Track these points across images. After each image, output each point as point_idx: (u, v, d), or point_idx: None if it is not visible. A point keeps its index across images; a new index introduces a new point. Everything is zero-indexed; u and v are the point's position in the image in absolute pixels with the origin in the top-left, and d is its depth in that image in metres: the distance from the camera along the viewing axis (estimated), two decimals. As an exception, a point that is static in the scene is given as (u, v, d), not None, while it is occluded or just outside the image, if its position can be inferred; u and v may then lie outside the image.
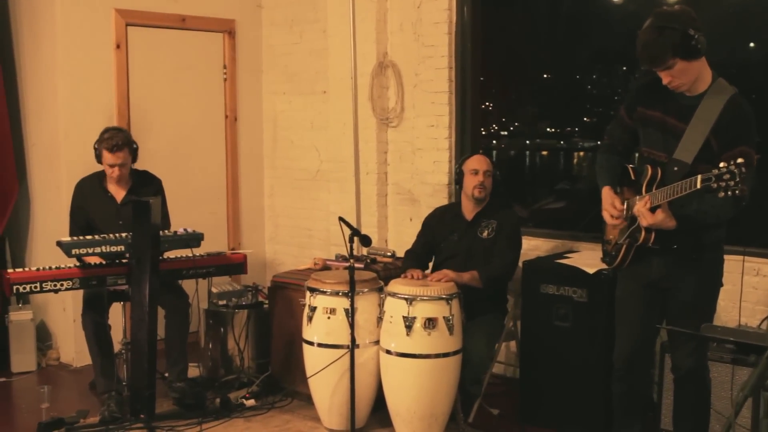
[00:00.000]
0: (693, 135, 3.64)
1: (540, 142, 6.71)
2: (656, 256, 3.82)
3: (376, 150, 6.44)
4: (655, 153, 3.80)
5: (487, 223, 5.05)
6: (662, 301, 3.91)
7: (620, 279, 4.06)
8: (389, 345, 4.62)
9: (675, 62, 3.54)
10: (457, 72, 6.11)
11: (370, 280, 4.88)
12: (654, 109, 3.81)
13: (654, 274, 3.86)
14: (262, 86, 7.34)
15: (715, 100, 3.63)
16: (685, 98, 3.70)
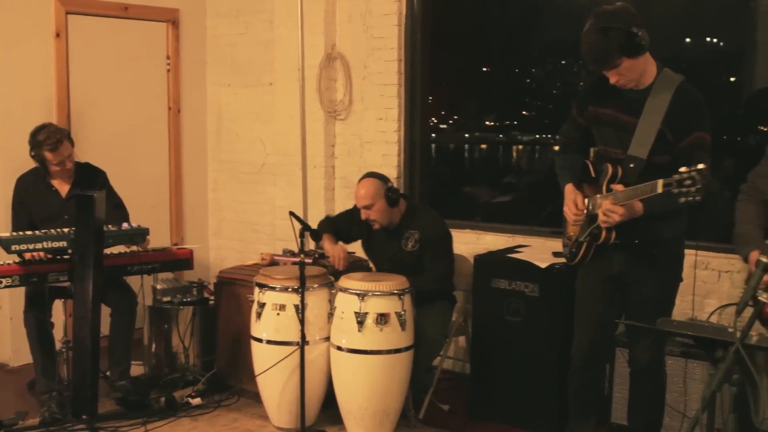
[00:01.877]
0: (645, 129, 3.66)
1: (480, 136, 6.70)
2: (617, 251, 3.82)
3: (324, 143, 6.38)
4: (611, 150, 3.81)
5: (409, 234, 4.94)
6: (622, 296, 3.92)
7: (580, 274, 4.05)
8: (340, 341, 4.55)
9: (621, 61, 3.56)
10: (407, 65, 6.06)
11: (320, 276, 4.81)
12: (605, 107, 3.82)
13: (614, 269, 3.86)
14: (207, 78, 7.21)
15: (663, 91, 3.67)
16: (634, 93, 3.72)
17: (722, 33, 5.36)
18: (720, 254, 4.91)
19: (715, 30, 5.36)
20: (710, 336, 2.95)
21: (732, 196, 5.34)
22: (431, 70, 6.27)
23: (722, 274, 4.91)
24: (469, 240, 5.82)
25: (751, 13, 5.23)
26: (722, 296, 4.86)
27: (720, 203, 5.36)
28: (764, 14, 5.18)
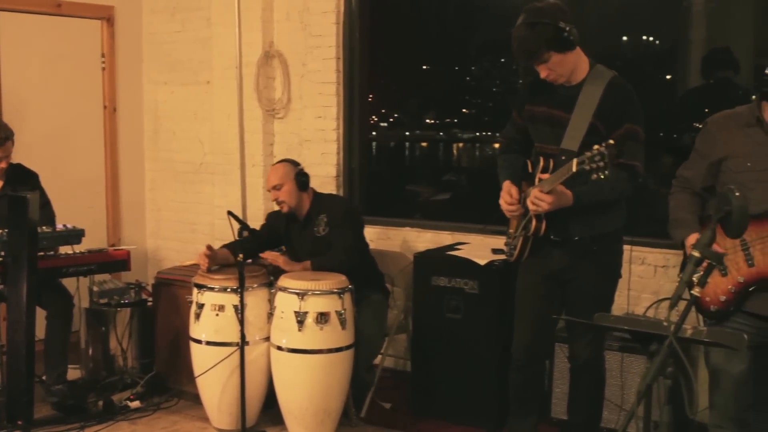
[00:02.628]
0: (577, 122, 3.72)
1: (420, 134, 6.72)
2: (556, 248, 3.87)
3: (262, 142, 6.35)
4: (546, 147, 3.86)
5: (319, 219, 4.95)
6: (561, 292, 3.97)
7: (520, 271, 4.09)
8: (280, 341, 4.54)
9: (550, 56, 3.63)
10: (345, 62, 6.07)
11: (260, 276, 4.79)
12: (540, 105, 3.89)
13: (554, 265, 3.90)
14: (143, 76, 7.13)
15: (595, 85, 3.74)
16: (567, 89, 3.80)
17: (657, 31, 5.45)
18: (656, 249, 5.00)
19: (650, 28, 5.45)
20: (645, 330, 2.99)
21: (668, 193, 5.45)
22: (370, 69, 6.28)
23: (658, 269, 5.00)
24: (409, 238, 5.85)
25: (684, 11, 5.33)
26: (658, 291, 4.95)
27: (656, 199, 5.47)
28: (697, 13, 5.29)
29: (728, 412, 3.53)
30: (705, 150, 3.60)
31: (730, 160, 3.49)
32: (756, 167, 3.42)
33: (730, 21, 5.23)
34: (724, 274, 3.44)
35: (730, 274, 3.44)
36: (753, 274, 3.40)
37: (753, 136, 3.45)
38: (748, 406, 3.54)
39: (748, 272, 3.41)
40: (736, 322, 3.47)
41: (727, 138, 3.51)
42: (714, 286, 3.48)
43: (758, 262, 3.40)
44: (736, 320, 3.47)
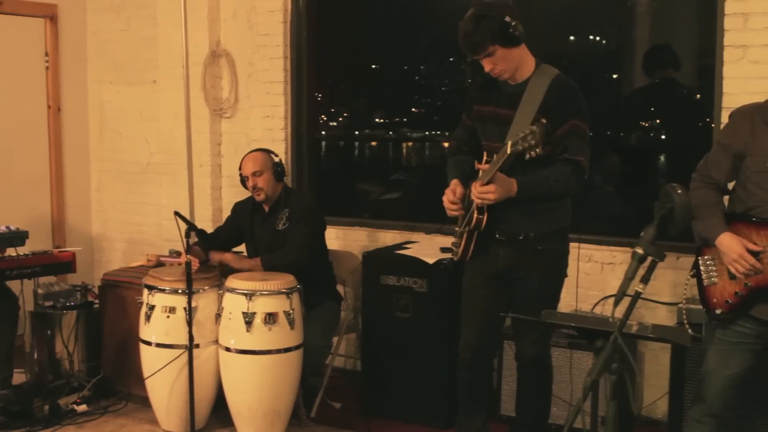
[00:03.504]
0: (521, 119, 3.76)
1: (369, 133, 6.74)
2: (502, 247, 3.90)
3: (210, 141, 6.33)
4: (492, 145, 3.89)
5: (282, 214, 4.97)
6: (508, 291, 4.00)
7: (467, 270, 4.11)
8: (228, 342, 4.53)
9: (495, 49, 3.68)
10: (293, 62, 6.06)
11: (211, 277, 4.77)
12: (488, 104, 3.94)
13: (500, 264, 3.93)
14: (88, 75, 7.05)
15: (539, 82, 3.79)
16: (512, 87, 3.85)
17: (603, 31, 5.52)
18: (603, 247, 5.08)
19: (597, 28, 5.52)
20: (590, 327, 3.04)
21: (615, 191, 5.55)
22: (318, 68, 6.28)
23: (605, 266, 5.07)
24: (358, 237, 5.87)
25: (628, 11, 5.41)
26: (605, 288, 5.02)
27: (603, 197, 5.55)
28: (641, 13, 5.38)
29: (712, 409, 3.53)
30: (728, 142, 3.49)
31: (750, 158, 3.40)
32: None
33: (674, 20, 5.32)
34: (732, 278, 3.41)
35: (738, 278, 3.38)
36: (760, 281, 3.34)
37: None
38: (734, 407, 3.57)
39: (756, 278, 3.34)
40: (740, 325, 3.44)
41: (750, 132, 3.40)
42: (721, 287, 3.46)
43: (766, 269, 3.32)
44: (740, 323, 3.43)
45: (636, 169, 5.48)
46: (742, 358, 3.46)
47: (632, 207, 5.34)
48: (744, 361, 3.47)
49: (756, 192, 3.38)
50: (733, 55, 4.49)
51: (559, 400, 4.56)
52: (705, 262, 3.53)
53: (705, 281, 3.52)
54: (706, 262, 3.52)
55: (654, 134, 5.44)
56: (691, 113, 5.14)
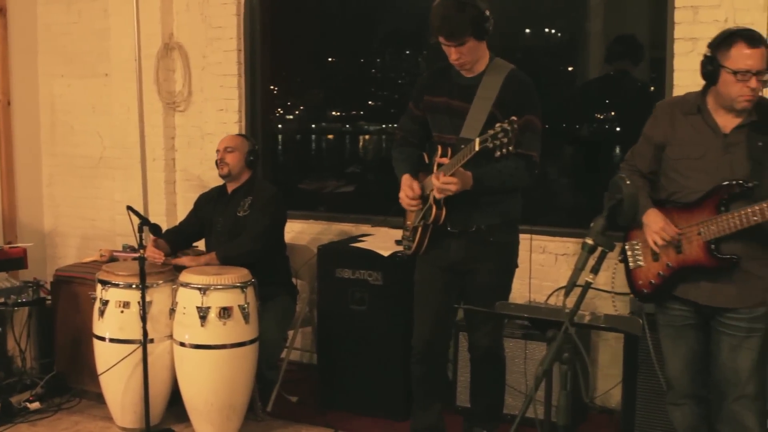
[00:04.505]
0: (476, 113, 3.80)
1: (326, 126, 6.75)
2: (454, 239, 3.93)
3: (163, 135, 6.30)
4: (444, 137, 3.92)
5: (244, 201, 4.97)
6: (460, 284, 4.04)
7: (419, 263, 4.14)
8: (183, 337, 4.52)
9: (468, 40, 3.71)
10: (246, 54, 6.06)
11: (165, 272, 4.76)
12: (439, 95, 3.96)
13: (452, 257, 3.97)
14: (38, 68, 6.97)
15: (495, 76, 3.83)
16: (466, 79, 3.89)
17: (558, 23, 5.57)
18: (556, 238, 5.14)
19: (552, 20, 5.57)
20: (542, 317, 3.09)
21: (570, 183, 5.61)
22: (273, 61, 6.28)
23: (558, 257, 5.13)
24: (313, 231, 5.88)
25: (582, 4, 5.46)
26: (559, 279, 5.08)
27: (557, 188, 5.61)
28: (596, 5, 5.44)
29: (683, 390, 3.70)
30: (650, 133, 3.70)
31: (669, 147, 3.61)
32: (692, 155, 3.53)
33: (627, 13, 5.39)
34: (655, 259, 3.61)
35: (660, 259, 3.59)
36: (680, 261, 3.54)
37: (693, 124, 3.55)
38: (703, 384, 3.70)
39: (676, 258, 3.54)
40: (672, 308, 3.64)
41: (670, 123, 3.62)
42: (646, 269, 3.66)
43: (685, 250, 3.53)
44: (672, 306, 3.63)
45: (590, 161, 5.55)
46: (688, 338, 3.64)
47: (586, 198, 5.40)
48: (692, 341, 3.65)
49: (676, 179, 3.59)
50: (684, 48, 4.57)
51: (514, 391, 4.62)
52: (632, 247, 3.73)
53: (631, 265, 3.72)
54: (633, 246, 3.72)
55: (609, 126, 5.51)
56: (645, 105, 5.20)
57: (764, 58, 3.35)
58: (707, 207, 3.46)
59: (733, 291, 3.48)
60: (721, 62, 3.37)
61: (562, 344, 2.84)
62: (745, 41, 3.34)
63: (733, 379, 3.53)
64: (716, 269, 3.46)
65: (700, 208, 3.48)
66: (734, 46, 3.34)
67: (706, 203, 3.46)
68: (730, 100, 3.41)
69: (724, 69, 3.36)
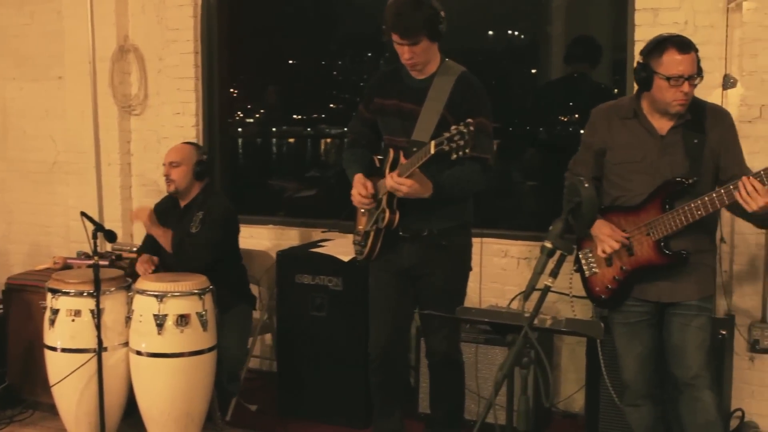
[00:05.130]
0: (428, 115, 3.82)
1: (287, 129, 6.75)
2: (406, 243, 3.94)
3: (119, 139, 6.26)
4: (395, 139, 3.93)
5: (196, 216, 4.86)
6: (414, 289, 4.05)
7: (372, 269, 4.15)
8: (139, 345, 4.49)
9: (422, 39, 3.72)
10: (204, 57, 6.04)
11: (117, 278, 4.72)
12: (390, 97, 3.97)
13: (405, 262, 3.98)
14: (-11, 71, 6.92)
15: (445, 78, 3.85)
16: (417, 81, 3.91)
17: (520, 26, 5.61)
18: (518, 242, 5.17)
19: (514, 23, 5.60)
20: (503, 321, 3.11)
21: (532, 186, 5.64)
22: (232, 63, 6.27)
23: (521, 261, 5.16)
24: (272, 236, 5.87)
25: (544, 6, 5.51)
26: (522, 283, 5.09)
27: (519, 192, 5.64)
28: (556, 8, 5.49)
29: (640, 391, 3.78)
30: (589, 140, 3.82)
31: (609, 152, 3.72)
32: (633, 158, 3.64)
33: (588, 16, 5.44)
34: (609, 264, 3.70)
35: (614, 263, 3.69)
36: (633, 263, 3.65)
37: (631, 129, 3.67)
38: (659, 382, 3.79)
39: (630, 261, 3.65)
40: (627, 305, 3.73)
41: (607, 129, 3.73)
42: (602, 276, 3.75)
43: (637, 251, 3.64)
44: (628, 304, 3.72)
45: (553, 164, 5.56)
46: (643, 335, 3.74)
47: (548, 202, 5.43)
48: (647, 338, 3.75)
49: (618, 182, 3.70)
50: (644, 50, 4.61)
51: (476, 396, 4.63)
52: (585, 255, 3.82)
53: (587, 273, 3.82)
54: (586, 255, 3.81)
55: (572, 129, 5.55)
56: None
57: (695, 63, 3.49)
58: (652, 207, 3.59)
59: (690, 284, 3.63)
60: (654, 68, 3.50)
61: (521, 348, 2.86)
62: (675, 47, 3.47)
63: (687, 358, 3.62)
64: (669, 266, 3.59)
65: (645, 209, 3.61)
66: (666, 53, 3.47)
67: (651, 204, 3.59)
68: (665, 105, 3.54)
69: (658, 75, 3.49)
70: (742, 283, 4.64)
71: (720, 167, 3.61)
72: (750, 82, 4.49)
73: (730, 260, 4.61)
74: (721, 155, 3.60)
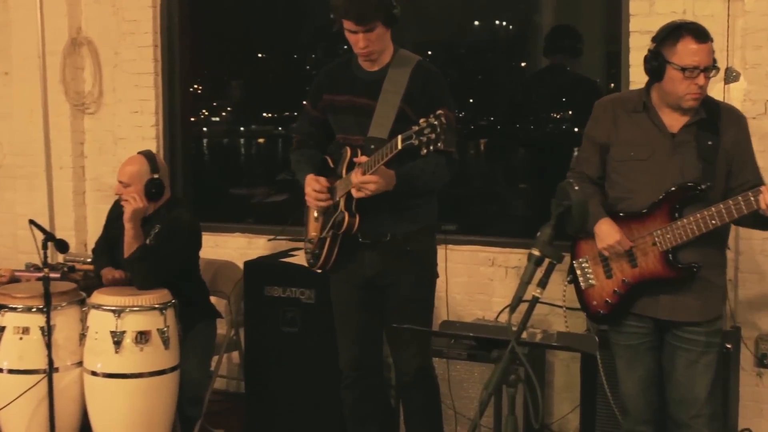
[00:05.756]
0: (384, 109, 3.82)
1: (256, 129, 6.75)
2: (367, 251, 3.92)
3: (71, 140, 6.27)
4: (350, 138, 3.93)
5: (153, 229, 4.77)
6: (379, 299, 4.02)
7: (332, 281, 4.14)
8: (95, 365, 4.47)
9: (377, 26, 3.73)
10: (164, 51, 6.05)
11: (70, 292, 4.70)
12: (341, 93, 3.97)
13: (367, 271, 3.95)
14: (-71, 67, 6.90)
15: (401, 69, 3.86)
16: (369, 73, 3.92)
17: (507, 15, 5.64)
18: (507, 249, 5.17)
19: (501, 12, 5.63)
20: (488, 336, 3.13)
21: (522, 189, 5.66)
22: (195, 57, 6.27)
23: (509, 270, 5.17)
24: (239, 245, 5.87)
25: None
26: (511, 294, 5.09)
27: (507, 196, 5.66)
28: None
29: (642, 415, 3.75)
30: (592, 134, 3.76)
31: (612, 148, 3.66)
32: (638, 156, 3.59)
33: (580, 4, 5.48)
34: (608, 276, 3.65)
35: (614, 275, 3.63)
36: (636, 275, 3.59)
37: (638, 123, 3.61)
38: (659, 405, 3.75)
39: (632, 273, 3.59)
40: (628, 325, 3.68)
41: (612, 122, 3.67)
42: (600, 288, 3.69)
43: (641, 262, 3.58)
44: (628, 323, 3.67)
45: (544, 165, 5.58)
46: (645, 358, 3.70)
47: (539, 205, 5.44)
48: (649, 360, 3.71)
49: (620, 182, 3.65)
50: (640, 42, 4.63)
51: (462, 417, 4.64)
52: (580, 265, 3.75)
53: (582, 284, 3.75)
54: (581, 264, 3.75)
55: (566, 126, 5.57)
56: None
57: (711, 54, 3.45)
58: (660, 214, 3.53)
59: (695, 303, 3.56)
60: (667, 58, 3.45)
61: (508, 365, 2.88)
62: (692, 35, 3.42)
63: (689, 398, 3.61)
64: (676, 280, 3.53)
65: (652, 215, 3.55)
66: (681, 41, 3.42)
67: (659, 210, 3.53)
68: (677, 98, 3.50)
69: (671, 65, 3.44)
70: (749, 293, 4.65)
71: (731, 172, 3.56)
72: (754, 75, 4.53)
73: (735, 267, 4.61)
74: (734, 159, 3.55)
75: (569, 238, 3.70)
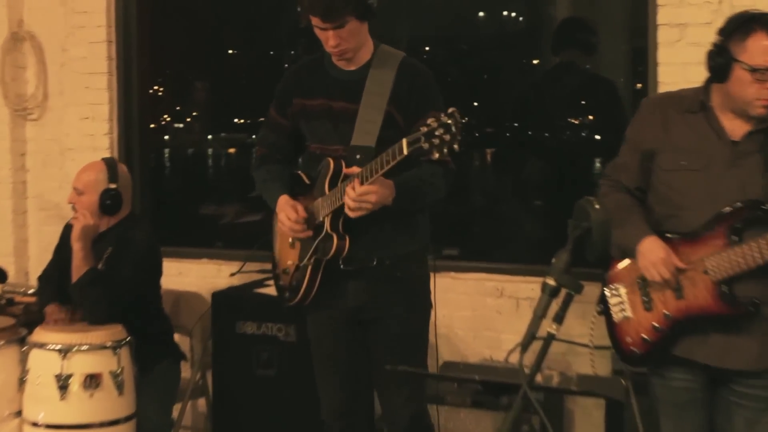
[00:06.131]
0: (368, 114, 3.81)
1: (226, 137, 6.74)
2: (351, 279, 3.88)
3: (10, 151, 6.27)
4: (328, 148, 3.91)
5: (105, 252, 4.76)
6: (365, 335, 3.99)
7: (311, 318, 4.11)
8: (36, 415, 4.43)
9: (349, 20, 3.70)
10: (119, 47, 6.05)
11: (8, 329, 4.68)
12: (314, 96, 3.95)
13: (350, 302, 3.92)
14: None
15: (384, 68, 3.86)
16: (347, 73, 3.91)
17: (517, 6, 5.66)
18: (518, 277, 5.16)
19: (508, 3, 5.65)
20: (496, 379, 3.11)
21: (541, 207, 5.64)
22: (156, 54, 6.29)
23: (521, 301, 5.14)
24: (207, 273, 5.85)
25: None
26: (523, 330, 5.08)
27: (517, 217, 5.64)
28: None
29: None
30: (635, 137, 3.67)
31: (661, 155, 3.55)
32: (691, 165, 3.48)
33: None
34: (647, 308, 3.53)
35: (655, 307, 3.51)
36: (682, 309, 3.46)
37: (693, 126, 3.51)
38: None
39: (677, 306, 3.47)
40: (675, 378, 3.57)
41: (662, 124, 3.57)
42: (636, 322, 3.56)
43: (688, 294, 3.45)
44: (675, 375, 3.56)
45: (561, 179, 5.57)
46: (696, 418, 3.60)
47: (555, 227, 5.43)
48: (699, 420, 3.60)
49: (667, 196, 3.55)
50: (669, 36, 4.65)
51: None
52: (614, 292, 3.64)
53: (615, 317, 3.63)
54: (615, 292, 3.63)
55: (587, 134, 5.57)
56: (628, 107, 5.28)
57: None
58: (714, 237, 3.42)
59: (753, 348, 3.43)
60: (734, 55, 3.33)
61: (519, 413, 2.86)
62: (766, 30, 3.30)
63: None
64: (729, 318, 3.41)
65: (704, 238, 3.44)
66: (752, 36, 3.30)
67: (713, 232, 3.42)
68: (744, 104, 3.38)
69: (739, 64, 3.31)
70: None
71: None
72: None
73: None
74: None
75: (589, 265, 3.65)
